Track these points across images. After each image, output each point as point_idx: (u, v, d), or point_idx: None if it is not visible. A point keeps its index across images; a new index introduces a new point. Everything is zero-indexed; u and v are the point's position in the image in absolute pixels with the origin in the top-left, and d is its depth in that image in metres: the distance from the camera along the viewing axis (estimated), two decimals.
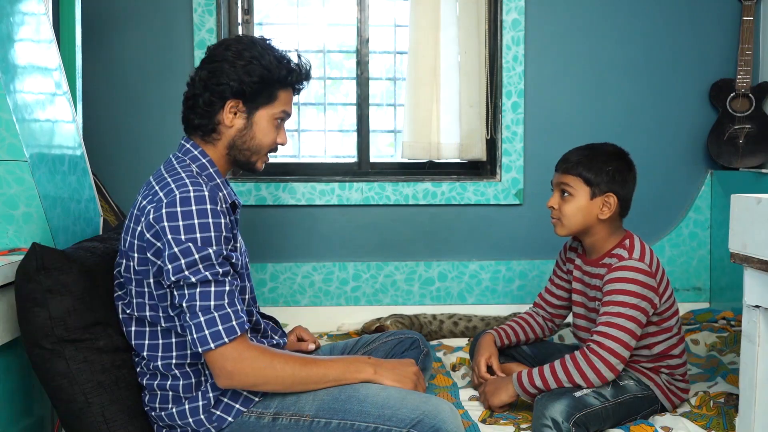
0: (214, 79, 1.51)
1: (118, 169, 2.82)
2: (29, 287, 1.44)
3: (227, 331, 1.37)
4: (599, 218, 1.85)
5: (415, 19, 2.89)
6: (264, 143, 1.58)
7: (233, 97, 1.52)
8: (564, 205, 1.87)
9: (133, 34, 2.84)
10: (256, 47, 1.53)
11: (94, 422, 1.47)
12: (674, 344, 1.89)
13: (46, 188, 1.68)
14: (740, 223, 1.45)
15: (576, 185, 1.85)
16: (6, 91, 1.58)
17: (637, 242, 1.86)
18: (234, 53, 1.51)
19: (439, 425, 1.40)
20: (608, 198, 1.84)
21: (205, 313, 1.36)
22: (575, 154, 1.89)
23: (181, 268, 1.36)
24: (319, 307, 2.93)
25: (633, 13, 2.97)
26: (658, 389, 1.86)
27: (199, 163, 1.54)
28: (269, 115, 1.56)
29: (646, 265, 1.80)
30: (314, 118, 3.12)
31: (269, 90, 1.54)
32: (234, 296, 1.41)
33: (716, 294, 3.01)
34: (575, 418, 1.67)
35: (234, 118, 1.54)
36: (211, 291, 1.38)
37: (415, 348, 1.82)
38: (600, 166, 1.84)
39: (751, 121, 2.88)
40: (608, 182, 1.84)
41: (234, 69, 1.50)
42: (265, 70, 1.51)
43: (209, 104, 1.53)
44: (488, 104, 2.98)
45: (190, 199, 1.39)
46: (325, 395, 1.46)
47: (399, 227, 2.97)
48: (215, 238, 1.39)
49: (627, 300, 1.77)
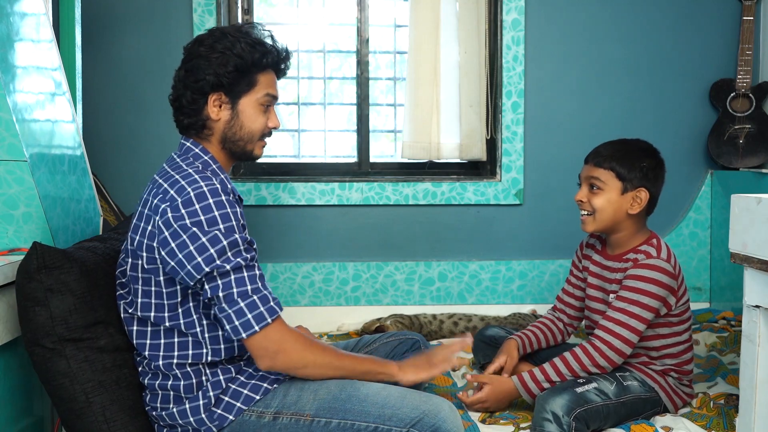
0: (191, 76, 1.53)
1: (118, 169, 2.82)
2: (30, 286, 1.44)
3: (269, 311, 1.41)
4: (629, 213, 1.84)
5: (415, 19, 2.89)
6: (254, 129, 1.58)
7: (213, 91, 1.53)
8: (593, 199, 1.85)
9: (133, 34, 2.84)
10: (227, 38, 1.53)
11: (95, 422, 1.47)
12: (685, 350, 1.89)
13: (46, 188, 1.68)
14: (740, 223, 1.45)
15: (607, 179, 1.84)
16: (6, 91, 1.58)
17: (663, 243, 1.87)
18: (207, 48, 1.52)
19: (439, 424, 1.41)
20: (639, 193, 1.84)
21: (244, 298, 1.40)
22: (608, 148, 1.88)
23: (213, 258, 1.39)
24: (319, 307, 2.93)
25: (633, 14, 2.97)
26: (663, 392, 1.86)
27: (202, 160, 1.55)
28: (253, 101, 1.57)
29: (672, 267, 1.81)
30: (314, 118, 3.12)
31: (247, 77, 1.54)
32: (264, 279, 1.45)
33: (716, 294, 3.01)
34: (576, 413, 1.67)
35: (219, 111, 1.55)
36: (245, 276, 1.41)
37: (416, 349, 1.82)
38: (633, 161, 1.84)
39: (751, 121, 2.88)
40: (641, 178, 1.84)
41: (209, 63, 1.51)
42: (238, 58, 1.52)
43: (193, 102, 1.54)
44: (488, 104, 2.98)
45: (205, 194, 1.42)
46: (325, 394, 1.47)
47: (399, 227, 2.97)
48: (237, 226, 1.43)
49: (639, 299, 1.77)
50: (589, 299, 1.99)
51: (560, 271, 2.98)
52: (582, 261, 2.05)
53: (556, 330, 2.10)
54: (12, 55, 1.64)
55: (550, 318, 2.13)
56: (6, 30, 1.63)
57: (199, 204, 1.41)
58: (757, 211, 1.39)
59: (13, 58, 1.65)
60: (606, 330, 1.79)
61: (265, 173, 3.03)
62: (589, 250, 2.03)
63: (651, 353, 1.87)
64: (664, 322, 1.85)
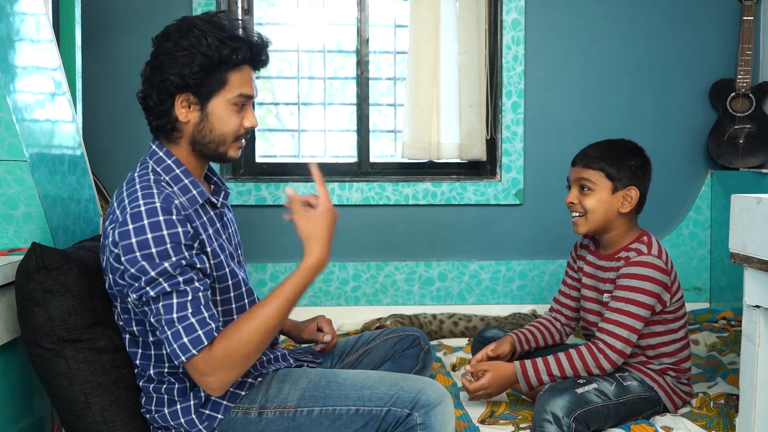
0: (157, 75, 1.42)
1: (118, 169, 2.82)
2: (29, 287, 1.44)
3: (193, 342, 1.32)
4: (620, 212, 1.86)
5: (415, 19, 2.89)
6: (226, 132, 1.46)
7: (180, 92, 1.41)
8: (585, 200, 1.87)
9: (133, 34, 2.84)
10: (193, 32, 1.40)
11: (94, 422, 1.47)
12: (682, 347, 1.89)
13: (45, 188, 1.68)
14: (740, 223, 1.45)
15: (597, 179, 1.86)
16: (6, 91, 1.58)
17: (654, 239, 1.88)
18: (173, 43, 1.41)
19: (418, 397, 1.39)
20: (630, 191, 1.86)
21: (170, 326, 1.32)
22: (595, 149, 1.90)
23: (141, 285, 1.32)
24: (319, 307, 2.93)
25: (633, 13, 2.97)
26: (662, 391, 1.86)
27: (164, 165, 1.46)
28: (225, 102, 1.44)
29: (663, 263, 1.82)
30: (314, 118, 3.12)
31: (216, 75, 1.42)
32: (199, 303, 1.34)
33: (716, 294, 3.01)
34: (576, 414, 1.67)
35: (188, 113, 1.44)
36: (173, 303, 1.32)
37: (416, 345, 1.81)
38: (622, 160, 1.86)
39: (751, 121, 2.88)
40: (630, 177, 1.86)
41: (174, 61, 1.40)
42: (204, 57, 1.39)
43: (160, 103, 1.43)
44: (488, 104, 2.98)
45: (141, 214, 1.33)
46: (306, 383, 1.46)
47: (399, 227, 2.97)
48: (172, 248, 1.33)
49: (635, 297, 1.78)
50: (584, 300, 1.99)
51: (560, 271, 2.98)
52: (576, 262, 2.06)
53: (553, 330, 2.10)
54: (12, 55, 1.64)
55: (548, 318, 2.13)
56: (6, 30, 1.63)
57: (133, 225, 1.33)
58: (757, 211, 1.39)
59: (13, 58, 1.64)
60: (606, 332, 1.80)
61: (265, 173, 3.03)
62: (583, 251, 2.04)
63: (647, 352, 1.87)
64: (659, 319, 1.85)
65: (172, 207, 1.36)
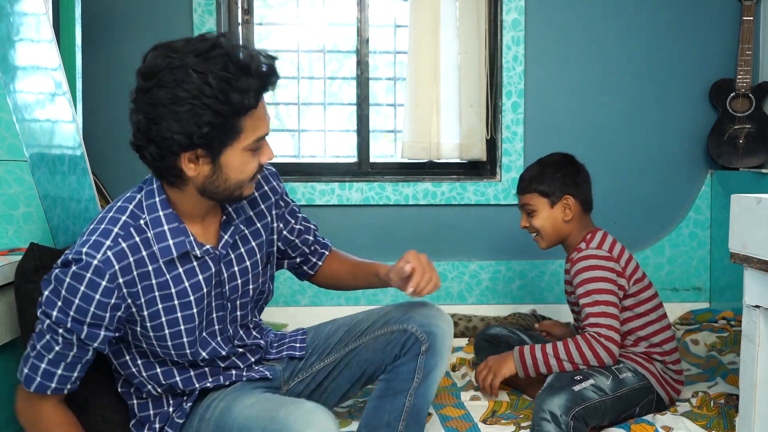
0: (154, 129, 1.24)
1: (118, 169, 2.82)
2: (28, 287, 1.44)
3: (26, 379, 1.34)
4: (565, 221, 2.00)
5: (415, 19, 2.89)
6: (243, 178, 1.33)
7: (185, 150, 1.25)
8: (533, 221, 2.03)
9: (133, 35, 2.84)
10: (191, 77, 1.20)
11: (93, 422, 1.47)
12: (660, 329, 1.94)
13: (46, 188, 1.68)
14: (740, 223, 1.45)
15: (535, 201, 2.01)
16: (6, 91, 1.58)
17: (598, 234, 1.98)
18: (171, 97, 1.21)
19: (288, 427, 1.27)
20: (567, 201, 1.99)
21: (32, 350, 1.33)
22: (526, 173, 2.06)
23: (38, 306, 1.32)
24: (319, 307, 2.93)
25: (633, 14, 2.97)
26: (653, 378, 1.89)
27: (150, 202, 1.34)
28: (240, 150, 1.29)
29: (604, 251, 1.92)
30: (314, 118, 3.12)
31: (229, 126, 1.25)
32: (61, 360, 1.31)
33: (716, 294, 3.01)
34: (574, 412, 1.70)
35: (197, 167, 1.28)
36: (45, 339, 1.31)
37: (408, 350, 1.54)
38: (549, 176, 2.00)
39: (751, 121, 2.88)
40: (561, 187, 1.99)
41: (176, 118, 1.21)
42: (212, 112, 1.21)
43: (160, 159, 1.28)
44: (488, 104, 2.98)
45: (78, 260, 1.27)
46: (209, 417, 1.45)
47: (399, 227, 2.97)
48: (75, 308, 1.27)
49: (590, 288, 1.87)
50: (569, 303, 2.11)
51: (560, 271, 2.97)
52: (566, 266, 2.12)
53: None
54: (12, 55, 1.64)
55: None
56: (6, 30, 1.63)
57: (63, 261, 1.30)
58: (757, 211, 1.39)
59: (13, 58, 1.65)
60: (588, 325, 1.85)
61: None
62: None
63: (625, 340, 1.93)
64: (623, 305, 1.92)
65: (107, 273, 1.27)
